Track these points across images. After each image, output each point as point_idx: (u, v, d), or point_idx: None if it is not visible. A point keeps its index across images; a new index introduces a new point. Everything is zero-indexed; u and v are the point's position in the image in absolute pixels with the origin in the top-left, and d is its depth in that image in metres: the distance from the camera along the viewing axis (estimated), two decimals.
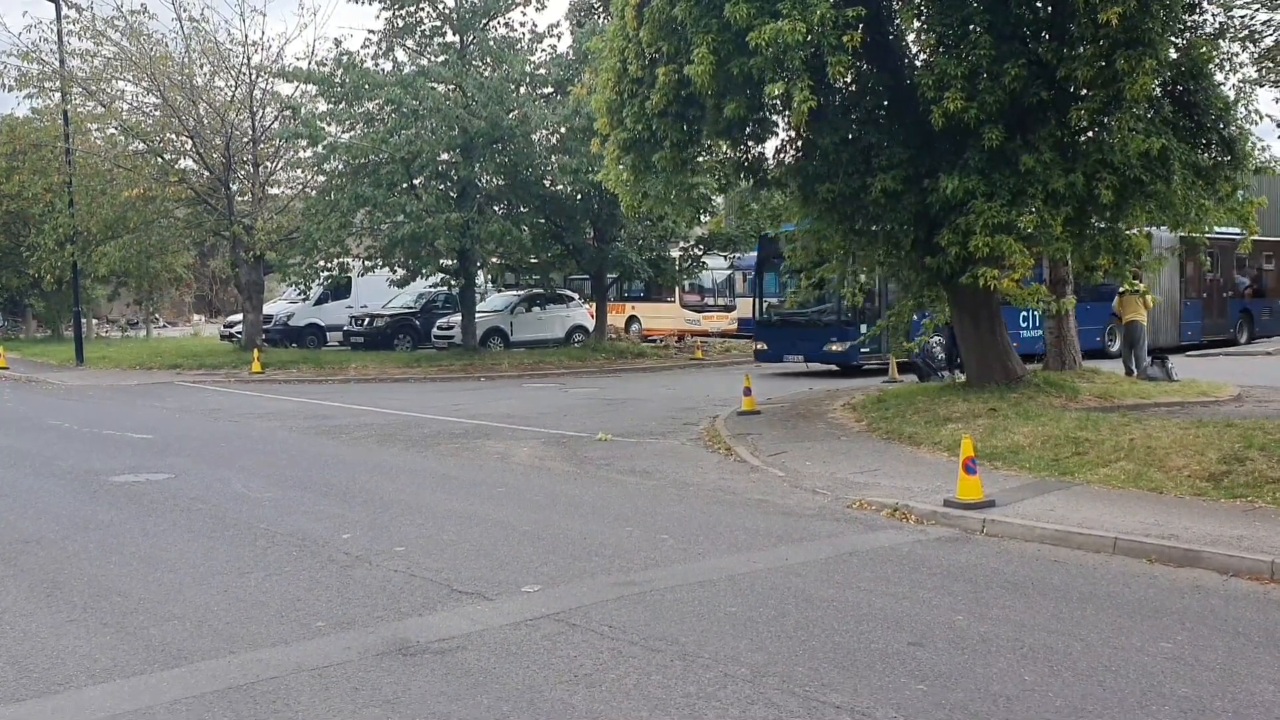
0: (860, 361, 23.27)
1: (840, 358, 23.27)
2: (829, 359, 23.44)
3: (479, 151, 27.33)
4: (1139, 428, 11.69)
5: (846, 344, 22.89)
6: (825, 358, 23.50)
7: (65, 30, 28.43)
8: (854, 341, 22.54)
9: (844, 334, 23.05)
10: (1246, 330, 31.03)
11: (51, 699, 5.40)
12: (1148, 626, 6.36)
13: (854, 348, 22.79)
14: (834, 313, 23.57)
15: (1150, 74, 11.59)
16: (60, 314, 42.33)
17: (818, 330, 23.75)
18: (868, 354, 23.17)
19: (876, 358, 23.27)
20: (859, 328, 22.35)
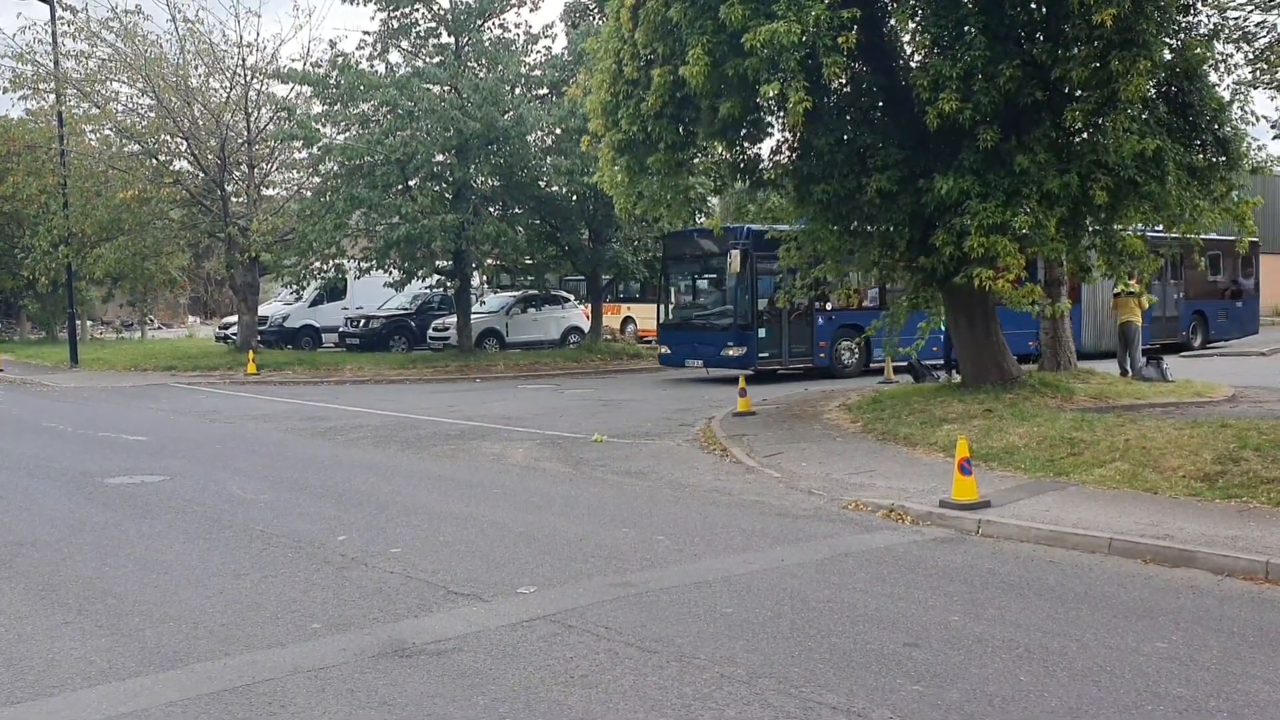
0: (758, 367, 22.51)
1: (738, 363, 22.41)
2: (726, 364, 22.64)
3: (474, 153, 27.32)
4: (1134, 428, 11.71)
5: (744, 349, 22.33)
6: (723, 363, 22.74)
7: (60, 32, 28.42)
8: (751, 346, 22.22)
9: (741, 339, 22.46)
10: (1200, 333, 29.69)
11: (47, 701, 5.39)
12: (1143, 627, 6.37)
13: (751, 353, 22.31)
14: (731, 317, 22.97)
15: (1145, 75, 11.61)
16: (55, 316, 42.26)
17: (716, 335, 23.12)
18: (766, 359, 22.66)
19: (778, 362, 22.97)
20: (757, 332, 22.24)
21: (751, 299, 22.33)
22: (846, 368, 23.60)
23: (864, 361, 23.83)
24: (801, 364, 23.21)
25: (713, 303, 23.87)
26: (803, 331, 23.22)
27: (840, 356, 23.60)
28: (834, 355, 23.42)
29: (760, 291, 22.43)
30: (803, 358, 23.23)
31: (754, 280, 22.24)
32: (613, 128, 14.32)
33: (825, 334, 23.46)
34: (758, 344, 22.33)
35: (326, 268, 28.87)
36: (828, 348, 23.40)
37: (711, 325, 23.47)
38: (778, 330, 22.81)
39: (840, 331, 23.59)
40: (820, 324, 23.33)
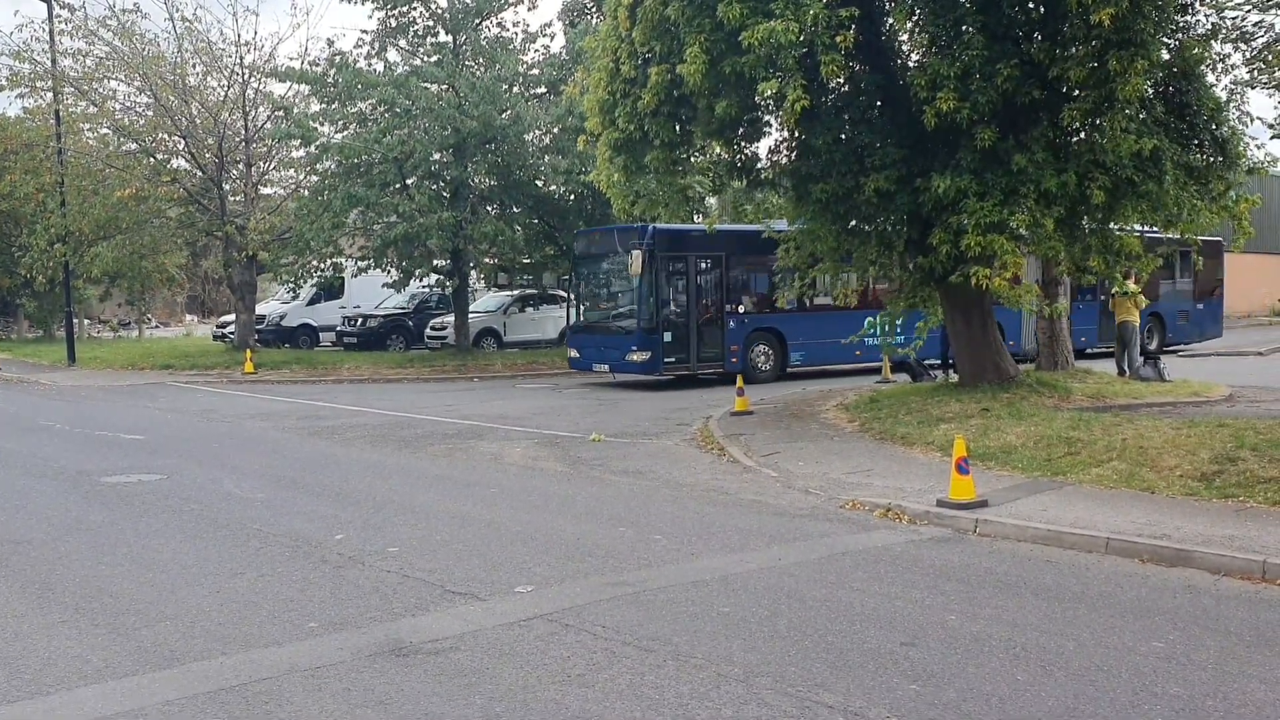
0: (663, 373, 21.81)
1: (641, 368, 21.75)
2: (631, 369, 21.96)
3: (471, 151, 27.32)
4: (1131, 428, 11.72)
5: (648, 353, 21.52)
6: (628, 368, 22.00)
7: (57, 30, 28.38)
8: (656, 351, 21.49)
9: (645, 343, 21.58)
10: (1157, 337, 27.51)
11: (43, 700, 5.38)
12: (1140, 626, 6.37)
13: (656, 358, 21.53)
14: (635, 320, 21.93)
15: (1142, 74, 11.62)
16: (52, 314, 42.23)
17: (621, 338, 22.22)
18: (672, 364, 21.80)
19: (685, 367, 22.05)
20: (663, 336, 21.49)
21: (657, 301, 21.55)
22: (760, 373, 22.58)
23: (780, 367, 23.13)
24: (712, 369, 22.29)
25: (619, 305, 22.94)
26: (713, 335, 22.40)
27: (754, 362, 22.72)
28: (747, 360, 22.49)
29: (667, 293, 21.84)
30: (713, 363, 22.33)
31: (659, 282, 21.58)
32: (610, 126, 14.32)
33: (737, 338, 22.59)
34: (662, 348, 21.53)
35: (324, 266, 28.88)
36: (740, 352, 22.46)
37: (617, 328, 22.65)
38: (685, 334, 21.99)
39: (754, 335, 22.86)
40: (732, 327, 22.54)
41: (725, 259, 22.35)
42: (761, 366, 22.78)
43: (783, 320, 22.87)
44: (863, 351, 22.98)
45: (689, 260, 22.07)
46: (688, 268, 22.08)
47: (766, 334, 22.88)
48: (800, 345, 23.19)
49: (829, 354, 23.42)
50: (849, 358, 23.29)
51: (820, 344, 23.15)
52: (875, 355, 23.13)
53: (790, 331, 23.13)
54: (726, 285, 22.51)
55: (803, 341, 23.22)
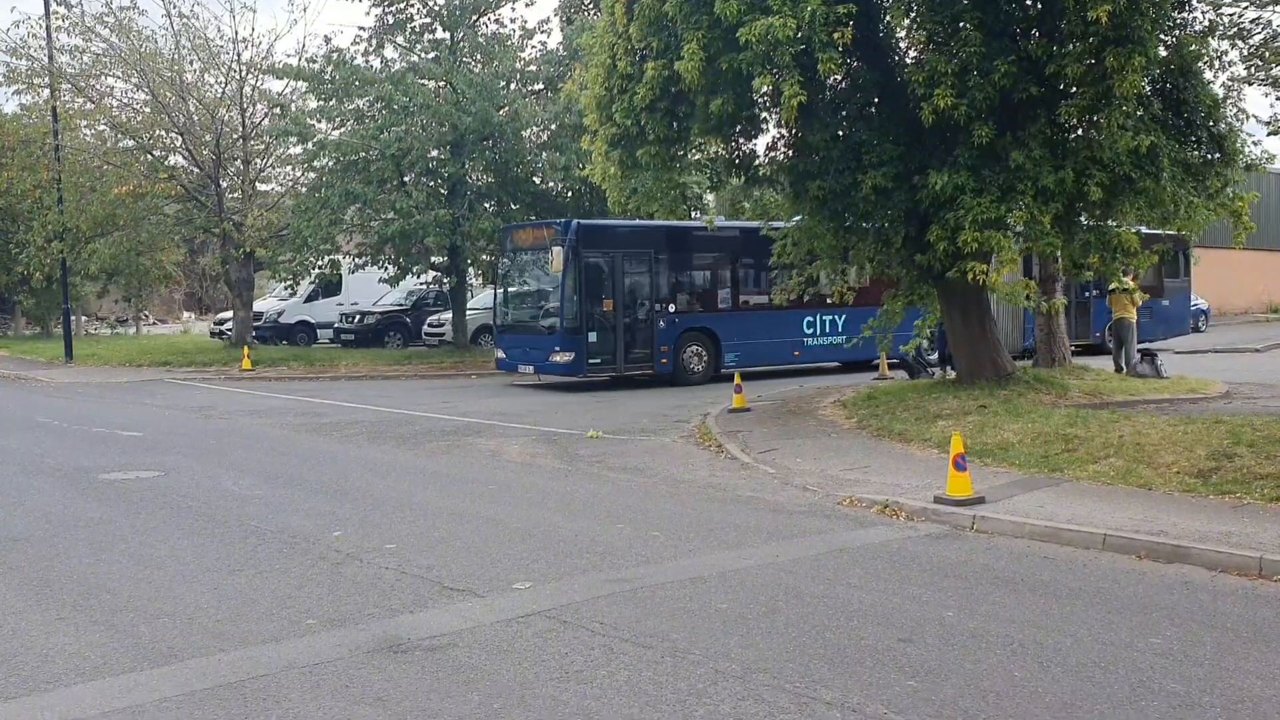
0: (588, 374, 21.11)
1: (564, 369, 21.04)
2: (554, 370, 21.26)
3: (469, 148, 27.30)
4: (1128, 424, 11.73)
5: (571, 354, 20.76)
6: (551, 369, 21.26)
7: (54, 26, 28.36)
8: (580, 352, 20.75)
9: (568, 343, 20.80)
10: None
11: (41, 696, 5.38)
12: (1137, 622, 6.38)
13: (580, 359, 20.78)
14: (558, 318, 21.03)
15: (1139, 71, 11.62)
16: (49, 311, 42.18)
17: (545, 338, 21.41)
18: (598, 365, 21.05)
19: (611, 369, 21.31)
20: (587, 336, 20.77)
21: (581, 300, 20.73)
22: (693, 375, 21.92)
23: (713, 368, 22.26)
24: (640, 370, 21.61)
25: (544, 304, 22.00)
26: (642, 335, 21.61)
27: (686, 363, 21.95)
28: (678, 361, 21.75)
29: (592, 291, 21.03)
30: (641, 364, 21.58)
31: (583, 279, 20.79)
32: (606, 122, 14.32)
33: (668, 338, 21.74)
34: (586, 349, 20.75)
35: (321, 263, 28.86)
36: (670, 353, 21.65)
37: (541, 328, 21.77)
38: (611, 334, 21.18)
39: (686, 336, 22.03)
40: (662, 327, 21.68)
41: (655, 256, 21.76)
42: (694, 368, 22.02)
43: (716, 320, 22.46)
44: (802, 352, 23.08)
45: (616, 257, 21.35)
46: (614, 265, 21.32)
47: (699, 334, 22.17)
48: (735, 345, 22.48)
49: (766, 354, 22.95)
50: (787, 358, 23.06)
51: (756, 344, 22.70)
52: (816, 356, 23.34)
53: (724, 331, 22.49)
54: (657, 283, 21.85)
55: (737, 342, 22.53)
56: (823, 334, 23.45)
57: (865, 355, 22.65)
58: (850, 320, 22.94)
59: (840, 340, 23.30)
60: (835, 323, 23.50)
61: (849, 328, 22.91)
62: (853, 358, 23.18)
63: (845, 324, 23.16)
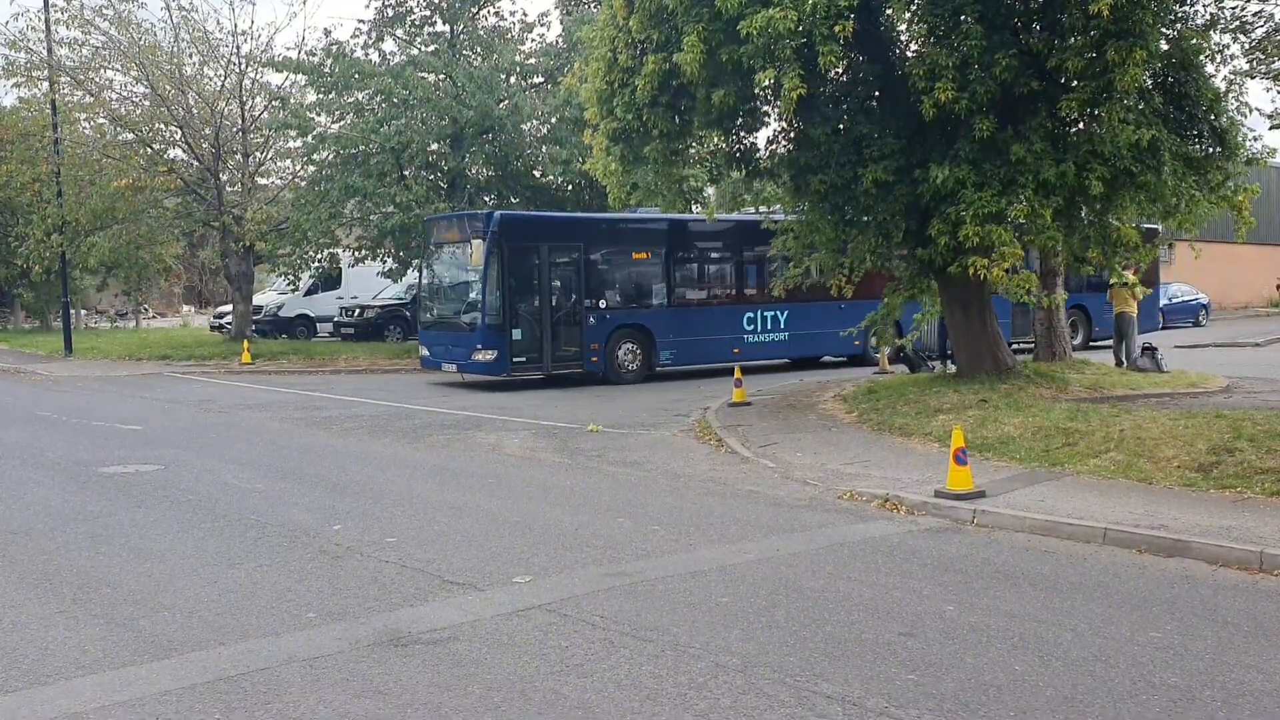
0: (511, 374, 20.16)
1: (487, 368, 20.04)
2: (476, 369, 20.26)
3: (469, 142, 27.27)
4: (1129, 419, 11.72)
5: (494, 352, 19.78)
6: (473, 367, 20.28)
7: (53, 19, 28.31)
8: (503, 350, 19.78)
9: (491, 341, 19.82)
10: (1082, 331, 25.72)
11: (42, 690, 5.38)
12: (1137, 616, 6.38)
13: (503, 357, 19.79)
14: (480, 315, 19.99)
15: (1141, 65, 11.60)
16: (49, 305, 42.19)
17: (467, 335, 20.38)
18: (523, 364, 20.12)
19: (537, 368, 20.41)
20: (510, 334, 19.81)
21: (504, 295, 19.79)
22: (625, 374, 21.03)
23: (647, 366, 21.43)
24: (569, 369, 20.73)
25: (466, 299, 20.94)
26: (571, 332, 20.66)
27: (619, 362, 21.02)
28: (609, 360, 20.84)
29: (517, 286, 20.10)
30: (570, 362, 20.69)
31: (506, 274, 19.82)
32: (607, 116, 14.29)
33: (598, 335, 20.78)
34: (510, 346, 19.81)
35: (321, 257, 28.84)
36: (601, 351, 20.73)
37: (463, 324, 20.73)
38: (537, 331, 20.26)
39: (617, 333, 21.05)
40: (592, 324, 20.71)
41: (586, 249, 20.87)
42: (627, 366, 21.13)
43: (650, 316, 21.58)
44: (742, 350, 22.08)
45: (542, 250, 20.34)
46: (541, 258, 20.32)
47: (631, 331, 21.22)
48: (670, 343, 21.59)
49: (703, 352, 22.07)
50: (726, 356, 21.78)
51: (693, 341, 21.87)
52: (757, 353, 22.41)
53: (659, 328, 21.53)
54: (586, 278, 20.83)
55: (673, 339, 21.62)
56: (764, 330, 22.58)
57: (810, 352, 22.26)
58: (793, 317, 22.52)
59: (783, 337, 22.70)
60: (778, 319, 22.70)
61: (792, 324, 22.53)
62: (798, 355, 22.79)
63: (788, 320, 22.65)
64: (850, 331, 19.82)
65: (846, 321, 21.67)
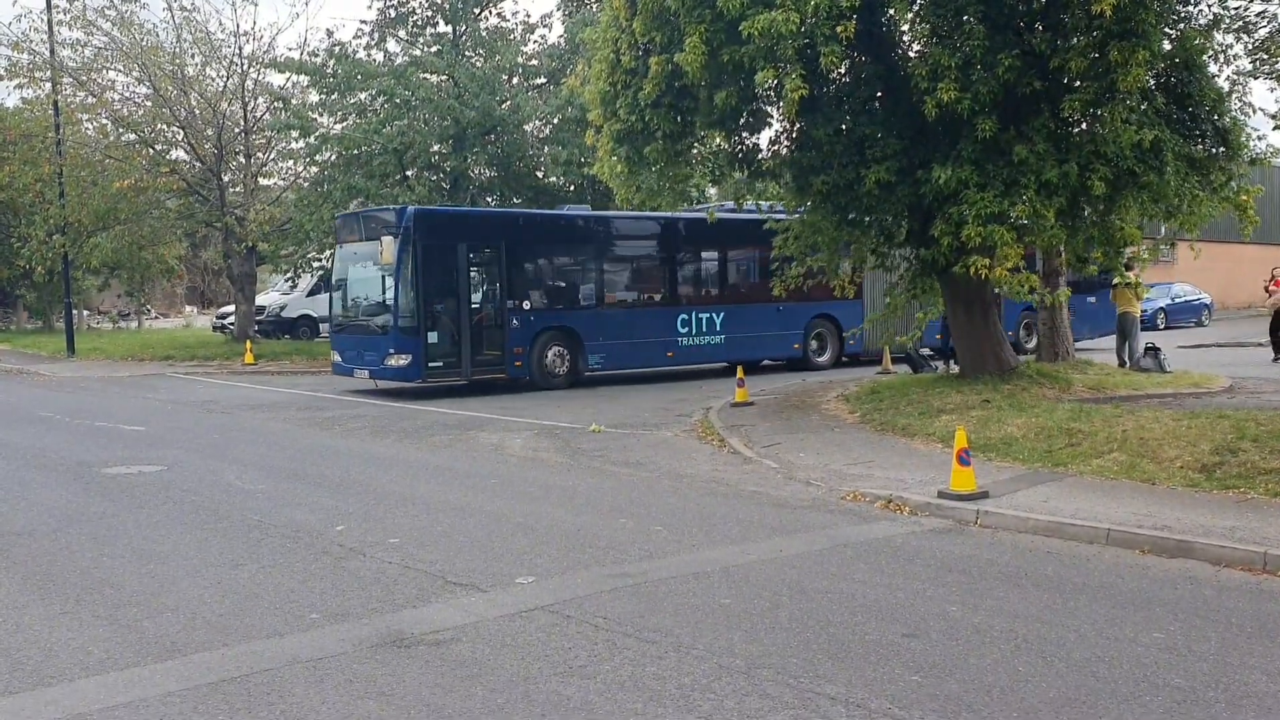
0: (426, 379, 19.02)
1: (401, 374, 18.95)
2: (389, 375, 19.21)
3: (471, 143, 27.30)
4: (1131, 419, 11.71)
5: (408, 357, 18.67)
6: (387, 373, 19.19)
7: (55, 20, 28.34)
8: (417, 354, 18.67)
9: (404, 344, 18.68)
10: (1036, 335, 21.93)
11: (45, 691, 5.38)
12: (1140, 617, 6.37)
13: (418, 362, 18.69)
14: (392, 317, 18.90)
15: (1143, 65, 11.59)
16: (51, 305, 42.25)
17: (379, 339, 19.21)
18: (439, 369, 19.03)
19: (456, 373, 19.37)
20: (426, 337, 18.72)
21: (419, 296, 18.64)
22: (554, 379, 20.04)
23: (575, 370, 20.45)
24: (491, 374, 19.75)
25: (378, 301, 19.77)
26: (492, 335, 19.60)
27: (545, 365, 19.98)
28: (536, 364, 19.82)
29: (432, 287, 18.96)
30: (491, 367, 19.61)
31: (421, 273, 18.69)
32: (611, 118, 14.29)
33: (523, 338, 19.72)
34: (425, 351, 18.69)
35: (323, 258, 28.86)
36: (526, 355, 19.70)
37: (375, 327, 19.54)
38: (455, 334, 19.17)
39: (545, 336, 20.02)
40: (515, 326, 19.62)
41: (509, 247, 19.74)
42: (555, 371, 20.13)
43: (578, 317, 20.54)
44: (675, 353, 21.41)
45: (460, 249, 19.26)
46: (459, 257, 19.24)
47: (558, 333, 20.17)
48: (599, 346, 20.59)
49: (634, 356, 21.21)
50: (659, 360, 21.45)
51: (624, 344, 20.90)
52: (691, 356, 21.63)
53: (587, 330, 20.50)
54: (510, 277, 19.76)
55: (602, 342, 20.62)
56: (699, 333, 21.65)
57: (748, 355, 21.35)
58: (729, 318, 21.90)
59: (719, 340, 21.86)
60: (713, 321, 21.86)
61: (729, 327, 21.85)
62: (734, 358, 21.28)
63: (724, 322, 21.93)
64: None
65: (784, 324, 21.79)
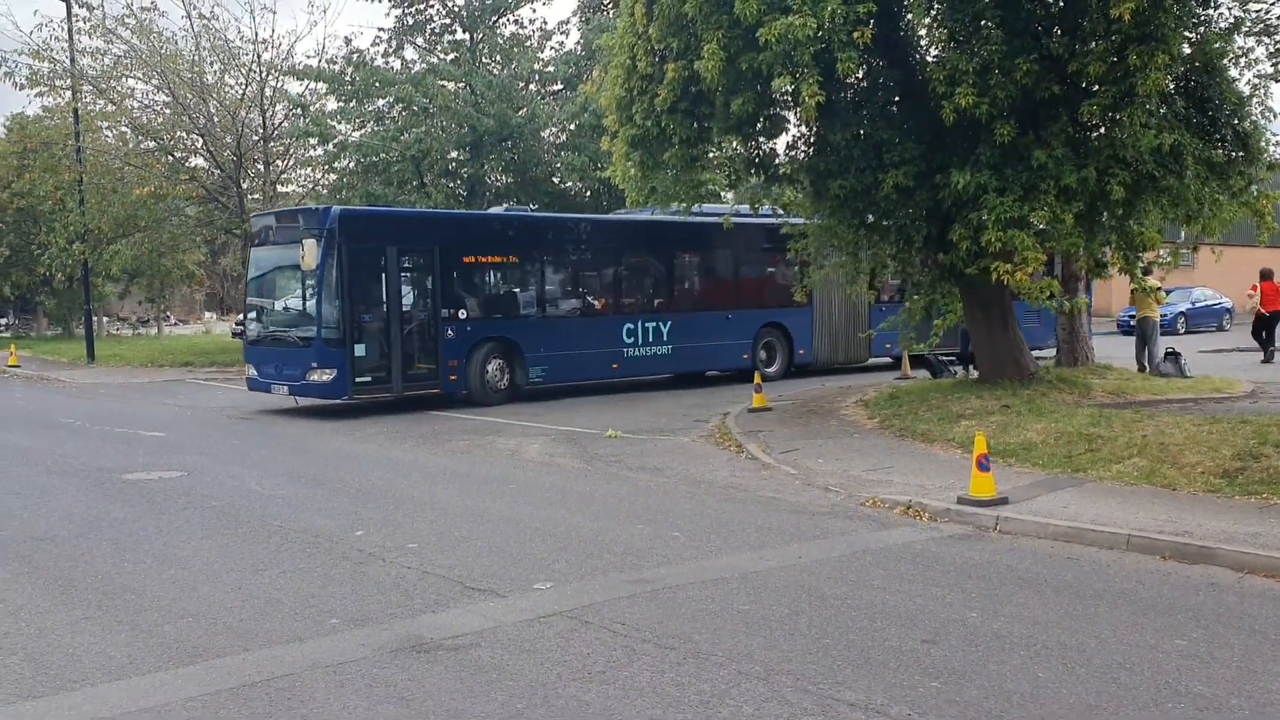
0: (355, 394, 17.17)
1: (325, 390, 17.12)
2: (312, 391, 17.36)
3: (488, 149, 27.40)
4: (1152, 424, 11.65)
5: (332, 371, 16.89)
6: (309, 390, 17.33)
7: (75, 28, 28.53)
8: (343, 368, 16.87)
9: (329, 358, 16.96)
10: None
11: (69, 695, 5.41)
12: (1162, 624, 6.34)
13: (344, 376, 16.87)
14: (314, 327, 17.14)
15: (1163, 69, 11.53)
16: (71, 312, 42.55)
17: (300, 352, 17.43)
18: (368, 385, 17.23)
19: (385, 388, 17.48)
20: (352, 349, 16.96)
21: (345, 304, 16.87)
22: (493, 394, 18.48)
23: (514, 384, 18.93)
24: (424, 389, 18.00)
25: (299, 310, 18.00)
26: (425, 347, 17.94)
27: (486, 380, 18.40)
28: (472, 378, 18.22)
29: (360, 294, 17.26)
30: (424, 381, 17.91)
31: (347, 280, 16.88)
32: (626, 123, 14.32)
33: (458, 350, 18.08)
34: (352, 365, 16.93)
35: None
36: (461, 368, 18.10)
37: (295, 339, 17.73)
38: (385, 346, 17.41)
39: (481, 347, 18.41)
40: (450, 337, 17.98)
41: (443, 251, 18.14)
42: (494, 385, 18.62)
43: (517, 327, 19.08)
44: (621, 364, 20.34)
45: (390, 253, 17.52)
46: (389, 262, 17.52)
47: (496, 344, 18.62)
48: (541, 358, 19.15)
49: (578, 368, 19.94)
50: (604, 372, 20.35)
51: (567, 356, 19.55)
52: (637, 368, 20.61)
53: (528, 341, 19.06)
54: (444, 284, 18.22)
55: (544, 353, 19.19)
56: (645, 344, 20.55)
57: (695, 367, 21.11)
58: (676, 328, 20.87)
59: (666, 350, 20.82)
60: (660, 331, 20.76)
61: (675, 337, 20.85)
62: (682, 369, 21.18)
63: (671, 332, 20.86)
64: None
65: (732, 333, 21.11)
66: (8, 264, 39.31)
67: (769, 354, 22.32)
